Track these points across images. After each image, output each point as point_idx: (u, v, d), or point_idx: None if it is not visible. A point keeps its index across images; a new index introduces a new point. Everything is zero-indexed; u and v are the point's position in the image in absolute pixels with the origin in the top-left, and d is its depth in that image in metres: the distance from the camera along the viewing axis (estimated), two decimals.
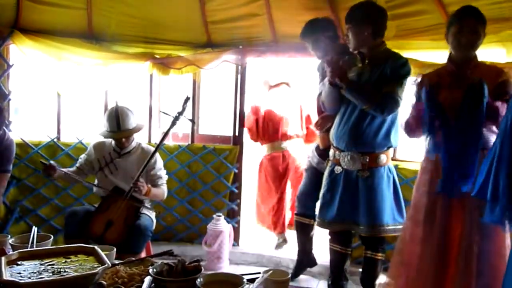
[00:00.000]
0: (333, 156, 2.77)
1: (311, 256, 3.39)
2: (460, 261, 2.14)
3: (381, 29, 2.60)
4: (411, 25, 3.15)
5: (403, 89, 2.52)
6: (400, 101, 2.51)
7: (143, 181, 2.91)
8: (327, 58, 2.64)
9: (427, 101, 2.20)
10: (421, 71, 2.96)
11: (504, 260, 2.06)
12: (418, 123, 2.29)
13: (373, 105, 2.49)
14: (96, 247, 1.74)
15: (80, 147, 3.79)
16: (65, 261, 1.66)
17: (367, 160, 2.61)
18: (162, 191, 3.14)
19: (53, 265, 1.63)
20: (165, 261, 1.75)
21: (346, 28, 2.63)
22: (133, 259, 1.96)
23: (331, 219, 2.72)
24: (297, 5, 3.43)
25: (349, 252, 2.88)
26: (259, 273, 1.72)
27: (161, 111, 4.01)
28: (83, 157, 3.18)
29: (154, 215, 3.14)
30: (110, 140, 3.13)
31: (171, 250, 2.06)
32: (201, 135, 4.12)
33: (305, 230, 3.29)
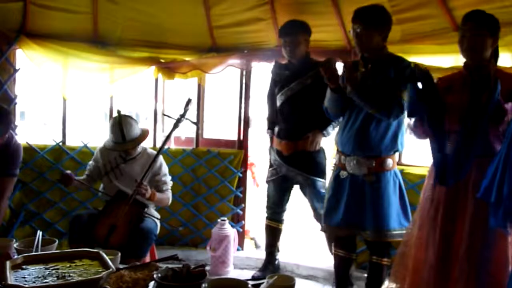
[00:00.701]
0: (338, 161, 2.75)
1: (275, 262, 3.48)
2: (463, 266, 2.12)
3: (388, 34, 2.62)
4: (416, 30, 3.14)
5: (407, 93, 2.50)
6: (405, 104, 2.50)
7: (146, 185, 2.91)
8: (324, 62, 2.61)
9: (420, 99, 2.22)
10: None
11: (508, 264, 2.04)
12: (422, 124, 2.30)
13: (380, 108, 2.48)
14: (101, 252, 1.73)
15: (85, 151, 3.80)
16: (70, 266, 1.66)
17: (374, 164, 2.59)
18: (167, 196, 3.14)
19: (57, 269, 1.63)
20: (170, 265, 1.75)
21: (355, 28, 2.57)
22: (137, 263, 1.96)
23: (337, 224, 2.70)
24: (301, 9, 3.43)
25: (354, 257, 2.86)
26: (264, 278, 1.71)
27: (163, 114, 4.02)
28: (91, 163, 3.19)
29: (158, 218, 3.13)
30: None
31: (176, 254, 2.06)
32: (206, 139, 4.12)
33: (275, 233, 3.45)
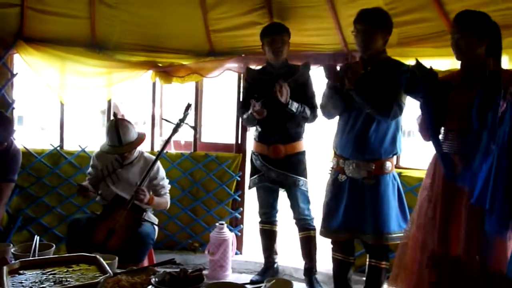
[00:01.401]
0: (336, 164, 2.75)
1: (274, 265, 3.46)
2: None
3: (388, 38, 2.64)
4: (413, 33, 3.14)
5: (405, 95, 2.52)
6: (403, 106, 2.55)
7: (144, 189, 2.90)
8: (328, 63, 2.65)
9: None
10: None
11: (505, 262, 2.03)
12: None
13: (379, 108, 2.50)
14: (98, 256, 1.73)
15: (83, 155, 3.80)
16: (67, 270, 1.66)
17: (373, 167, 2.59)
18: (165, 200, 3.14)
19: (55, 274, 1.63)
20: (167, 270, 1.75)
21: (358, 28, 2.57)
22: (135, 268, 1.95)
23: (336, 228, 2.69)
24: (298, 13, 3.44)
25: (352, 261, 2.85)
26: (263, 282, 1.71)
27: (163, 119, 4.02)
28: (90, 171, 3.18)
29: (156, 222, 3.13)
30: None
31: (173, 258, 2.05)
32: (204, 143, 4.12)
33: (270, 236, 3.44)
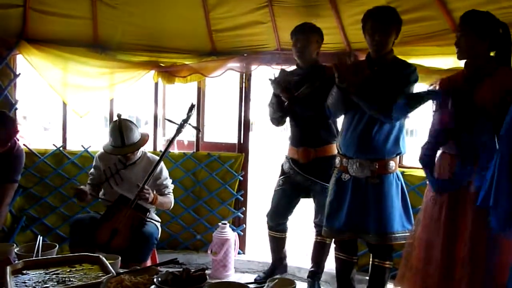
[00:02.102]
0: (339, 163, 2.74)
1: (284, 263, 3.38)
2: (467, 266, 2.11)
3: (397, 38, 2.61)
4: (416, 31, 3.14)
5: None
6: (408, 108, 2.50)
7: (148, 189, 2.91)
8: (334, 62, 2.62)
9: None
10: (426, 77, 2.96)
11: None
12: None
13: (382, 111, 2.48)
14: (101, 256, 1.73)
15: (86, 155, 3.81)
16: (70, 270, 1.66)
17: (376, 166, 2.58)
18: (169, 200, 3.14)
19: (58, 274, 1.63)
20: (170, 269, 1.75)
21: (368, 27, 2.57)
22: (138, 268, 1.95)
23: (340, 227, 2.68)
24: (301, 12, 3.44)
25: (355, 260, 2.84)
26: (265, 282, 1.71)
27: (166, 119, 4.02)
28: (92, 172, 3.18)
29: (159, 223, 3.13)
30: None
31: (176, 258, 2.04)
32: (206, 142, 4.12)
33: (280, 243, 3.31)
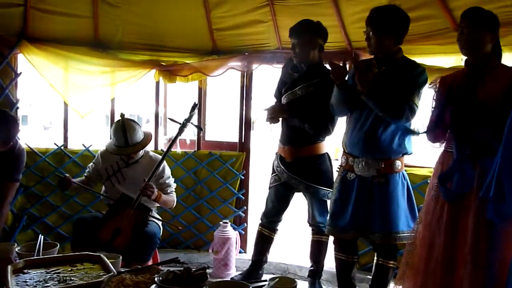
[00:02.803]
0: (345, 162, 2.72)
1: (261, 269, 3.35)
2: (468, 265, 2.11)
3: (403, 37, 2.56)
4: (417, 30, 3.12)
5: (419, 98, 2.49)
6: (416, 109, 2.48)
7: (153, 185, 2.89)
8: (332, 61, 2.61)
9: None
10: (428, 76, 2.95)
11: None
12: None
13: (391, 112, 2.46)
14: (102, 255, 1.73)
15: (87, 154, 3.81)
16: (71, 269, 1.66)
17: (382, 166, 2.56)
18: (172, 198, 3.14)
19: (59, 273, 1.63)
20: (171, 268, 1.75)
21: (367, 30, 2.54)
22: (139, 267, 1.95)
23: (344, 226, 2.66)
24: (302, 11, 3.43)
25: (355, 260, 2.82)
26: (266, 280, 1.71)
27: (168, 118, 4.02)
28: (91, 165, 3.18)
29: (161, 222, 3.13)
30: None
31: (177, 257, 2.05)
32: (208, 141, 4.12)
33: (267, 241, 3.30)
